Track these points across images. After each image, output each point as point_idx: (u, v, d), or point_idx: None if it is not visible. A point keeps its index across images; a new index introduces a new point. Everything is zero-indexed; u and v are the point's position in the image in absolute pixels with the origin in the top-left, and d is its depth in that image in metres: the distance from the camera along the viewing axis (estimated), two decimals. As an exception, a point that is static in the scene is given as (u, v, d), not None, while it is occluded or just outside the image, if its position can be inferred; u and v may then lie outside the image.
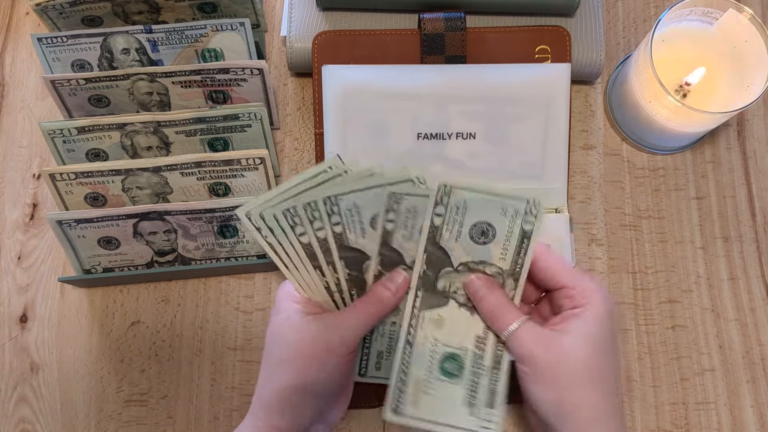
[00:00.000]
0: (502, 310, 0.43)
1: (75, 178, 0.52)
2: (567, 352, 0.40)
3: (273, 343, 0.43)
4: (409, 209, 0.45)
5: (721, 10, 0.52)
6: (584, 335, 0.40)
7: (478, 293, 0.43)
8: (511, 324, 0.42)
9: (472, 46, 0.55)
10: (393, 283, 0.44)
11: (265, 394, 0.42)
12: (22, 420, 0.53)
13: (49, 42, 0.54)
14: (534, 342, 0.41)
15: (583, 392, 0.40)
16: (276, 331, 0.43)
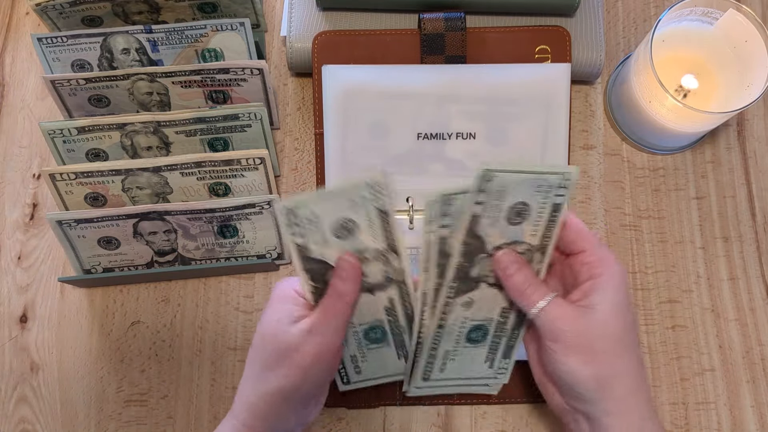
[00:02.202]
0: (530, 288, 0.42)
1: (75, 178, 0.52)
2: (599, 326, 0.40)
3: (262, 344, 0.43)
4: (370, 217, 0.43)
5: (721, 10, 0.52)
6: (611, 307, 0.41)
7: (507, 270, 0.43)
8: (540, 301, 0.42)
9: (472, 46, 0.55)
10: (346, 272, 0.43)
11: (251, 397, 0.42)
12: (22, 420, 0.53)
13: (49, 42, 0.54)
14: (564, 318, 0.41)
15: (621, 362, 0.40)
16: (266, 332, 0.43)
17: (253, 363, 0.43)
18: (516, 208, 0.42)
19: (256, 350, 0.43)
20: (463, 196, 0.42)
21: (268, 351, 0.42)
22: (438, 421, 0.53)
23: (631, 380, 0.40)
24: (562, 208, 0.42)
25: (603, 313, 0.40)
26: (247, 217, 0.53)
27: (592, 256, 0.42)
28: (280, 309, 0.43)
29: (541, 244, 0.43)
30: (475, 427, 0.53)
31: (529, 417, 0.53)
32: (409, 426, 0.53)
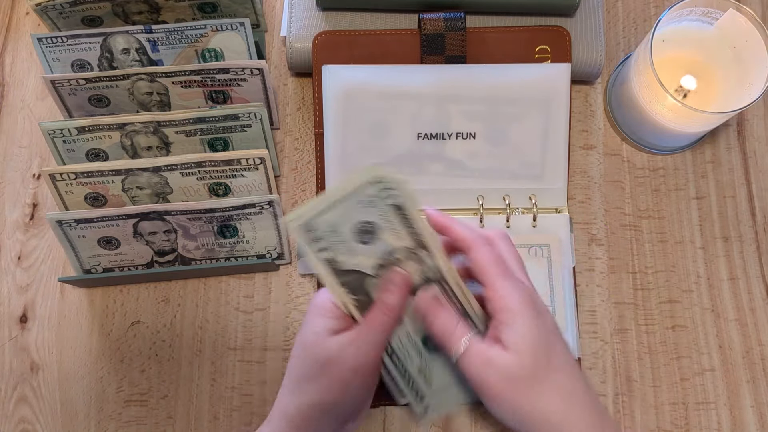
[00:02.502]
0: (449, 332, 0.41)
1: (75, 178, 0.52)
2: (508, 365, 0.39)
3: (301, 355, 0.42)
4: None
5: (721, 10, 0.52)
6: (519, 342, 0.39)
7: (427, 318, 0.43)
8: (458, 346, 0.41)
9: (472, 46, 0.55)
10: (394, 285, 0.42)
11: (289, 407, 0.42)
12: (22, 420, 0.53)
13: (49, 42, 0.54)
14: (480, 365, 0.40)
15: (538, 398, 0.39)
16: (305, 343, 0.42)
17: (291, 373, 0.42)
18: (356, 230, 0.41)
19: (296, 360, 0.42)
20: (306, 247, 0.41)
21: (308, 363, 0.41)
22: (438, 421, 0.53)
23: (556, 418, 0.39)
24: (407, 204, 0.40)
25: (512, 356, 0.39)
26: (247, 217, 0.53)
27: (490, 290, 0.41)
28: (317, 322, 0.42)
29: (416, 242, 0.41)
30: (475, 427, 0.53)
31: (529, 417, 0.53)
32: (409, 426, 0.53)
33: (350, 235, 0.41)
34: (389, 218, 0.41)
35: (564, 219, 0.53)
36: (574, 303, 0.53)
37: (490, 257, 0.41)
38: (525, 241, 0.53)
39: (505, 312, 0.40)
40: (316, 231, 0.40)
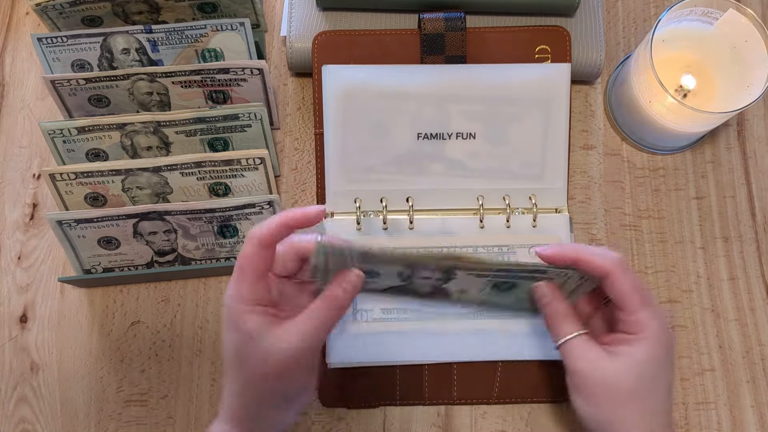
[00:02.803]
0: (561, 319, 0.45)
1: (75, 178, 0.52)
2: (611, 375, 0.42)
3: (243, 352, 0.41)
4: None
5: (721, 10, 0.52)
6: (631, 363, 0.42)
7: (544, 298, 0.45)
8: (567, 334, 0.44)
9: (472, 46, 0.55)
10: (347, 281, 0.42)
11: (236, 404, 0.42)
12: (22, 420, 0.53)
13: (49, 42, 0.54)
14: (582, 358, 0.43)
15: (623, 412, 0.42)
16: (243, 342, 0.41)
17: (236, 371, 0.42)
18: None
19: (239, 358, 0.42)
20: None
21: (251, 359, 0.41)
22: (438, 421, 0.53)
23: (632, 428, 0.41)
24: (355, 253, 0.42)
25: (619, 365, 0.42)
26: (247, 217, 0.53)
27: (631, 315, 0.43)
28: (251, 318, 0.41)
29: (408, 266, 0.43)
30: (475, 427, 0.53)
31: (529, 417, 0.53)
32: (409, 426, 0.53)
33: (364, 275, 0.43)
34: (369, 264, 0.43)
35: (564, 219, 0.54)
36: (574, 303, 0.53)
37: (631, 285, 0.43)
38: (525, 241, 0.53)
39: (640, 336, 0.42)
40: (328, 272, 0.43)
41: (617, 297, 0.43)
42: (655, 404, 0.42)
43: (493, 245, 0.53)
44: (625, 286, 0.43)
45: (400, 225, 0.53)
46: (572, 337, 0.44)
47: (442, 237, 0.53)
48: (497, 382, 0.52)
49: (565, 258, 0.44)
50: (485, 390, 0.52)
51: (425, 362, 0.52)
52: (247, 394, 0.42)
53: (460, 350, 0.52)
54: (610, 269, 0.43)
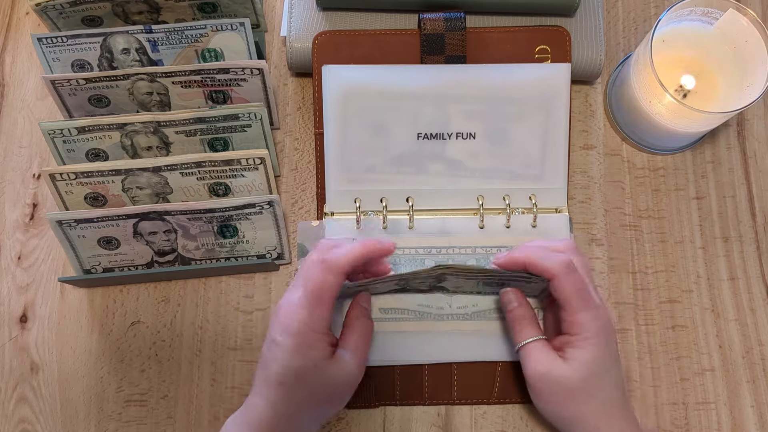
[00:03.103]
0: (520, 325, 0.47)
1: (75, 178, 0.52)
2: (563, 377, 0.44)
3: (308, 378, 0.43)
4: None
5: (721, 10, 0.52)
6: (578, 365, 0.44)
7: (509, 305, 0.48)
8: (523, 339, 0.47)
9: (472, 46, 0.55)
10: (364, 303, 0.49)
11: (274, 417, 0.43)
12: (22, 420, 0.53)
13: (49, 42, 0.54)
14: (538, 361, 0.45)
15: (581, 408, 0.45)
16: (311, 369, 0.43)
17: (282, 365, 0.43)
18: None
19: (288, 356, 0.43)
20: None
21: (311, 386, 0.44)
22: (438, 421, 0.53)
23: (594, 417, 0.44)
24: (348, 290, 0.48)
25: (569, 367, 0.44)
26: (247, 217, 0.53)
27: (570, 316, 0.45)
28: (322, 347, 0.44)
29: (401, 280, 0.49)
30: (475, 427, 0.53)
31: (529, 417, 0.53)
32: (409, 426, 0.53)
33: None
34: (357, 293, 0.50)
35: (564, 219, 0.53)
36: (574, 303, 0.53)
37: (573, 288, 0.45)
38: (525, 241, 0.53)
39: (581, 337, 0.45)
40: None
41: (560, 299, 0.45)
42: (607, 394, 0.45)
43: (492, 246, 0.53)
44: (567, 289, 0.45)
45: (400, 225, 0.53)
46: (531, 341, 0.46)
47: (441, 237, 0.53)
48: (497, 382, 0.52)
49: (516, 263, 0.47)
50: (485, 390, 0.52)
51: (425, 362, 0.52)
52: (294, 411, 0.43)
53: (460, 350, 0.52)
54: (555, 272, 0.45)
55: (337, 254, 0.44)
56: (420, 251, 0.53)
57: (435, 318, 0.52)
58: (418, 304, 0.52)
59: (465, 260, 0.53)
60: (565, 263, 0.45)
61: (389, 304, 0.52)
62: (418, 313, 0.52)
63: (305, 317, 0.43)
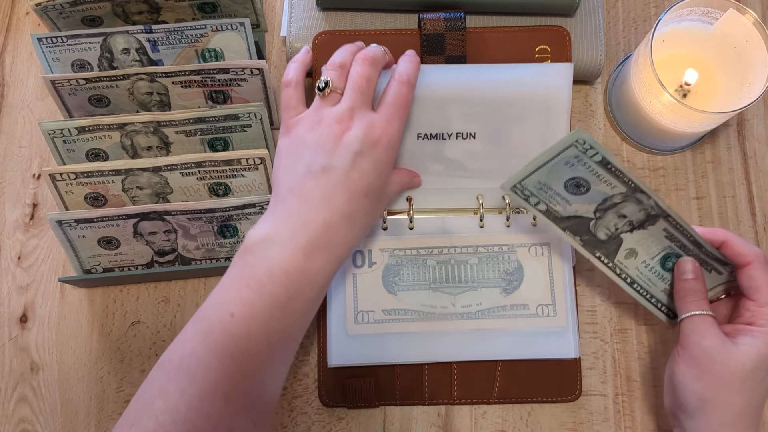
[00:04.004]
0: (690, 296, 0.46)
1: (75, 178, 0.52)
2: (731, 360, 0.43)
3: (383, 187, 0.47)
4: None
5: (721, 10, 0.52)
6: (753, 353, 0.43)
7: (684, 275, 0.47)
8: (693, 310, 0.46)
9: (472, 46, 0.55)
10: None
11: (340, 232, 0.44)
12: (22, 420, 0.53)
13: (49, 42, 0.54)
14: (706, 335, 0.44)
15: (730, 396, 0.43)
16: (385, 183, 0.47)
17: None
18: (571, 184, 0.46)
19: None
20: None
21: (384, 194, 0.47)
22: (438, 421, 0.53)
23: (731, 416, 0.43)
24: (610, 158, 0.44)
25: (741, 353, 0.43)
26: (247, 217, 0.53)
27: (760, 306, 0.45)
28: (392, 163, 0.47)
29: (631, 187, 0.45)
30: (475, 427, 0.53)
31: (529, 417, 0.53)
32: (409, 426, 0.53)
33: (562, 189, 0.46)
34: (598, 173, 0.45)
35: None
36: (574, 302, 0.53)
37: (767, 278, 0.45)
38: (525, 240, 0.53)
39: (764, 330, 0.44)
40: (526, 190, 0.46)
41: (751, 286, 0.45)
42: (760, 395, 0.44)
43: (493, 244, 0.53)
44: (762, 278, 0.45)
45: (399, 225, 0.53)
46: (699, 313, 0.45)
47: (442, 237, 0.53)
48: (497, 382, 0.52)
49: (716, 237, 0.46)
50: (485, 390, 0.52)
51: (427, 362, 0.52)
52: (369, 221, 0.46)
53: (460, 350, 0.52)
54: (752, 258, 0.45)
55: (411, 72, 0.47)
56: (421, 252, 0.53)
57: (439, 318, 0.52)
58: (422, 304, 0.52)
59: (467, 259, 0.53)
60: (763, 254, 0.45)
61: (392, 305, 0.52)
62: (422, 314, 0.52)
63: (398, 131, 0.46)
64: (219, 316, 0.40)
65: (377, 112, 0.46)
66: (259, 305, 0.40)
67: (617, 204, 0.46)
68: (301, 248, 0.41)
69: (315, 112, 0.46)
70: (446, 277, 0.52)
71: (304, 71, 0.48)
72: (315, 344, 0.54)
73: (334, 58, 0.47)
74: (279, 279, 0.41)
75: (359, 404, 0.52)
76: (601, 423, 0.53)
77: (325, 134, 0.44)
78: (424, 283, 0.52)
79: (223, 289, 0.41)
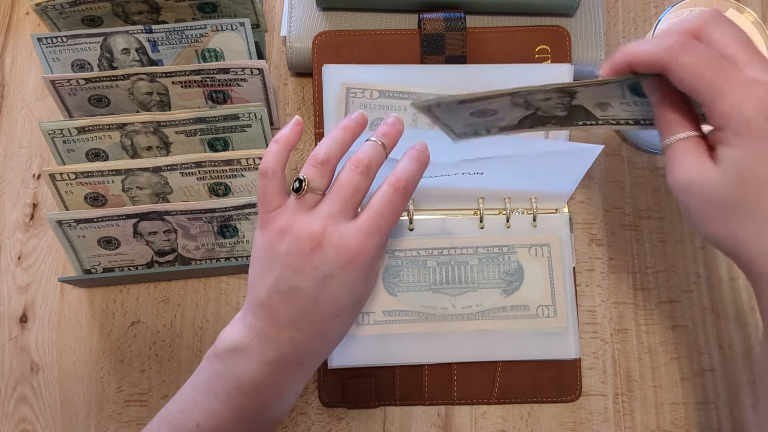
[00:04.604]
0: (672, 117, 0.37)
1: (75, 178, 0.52)
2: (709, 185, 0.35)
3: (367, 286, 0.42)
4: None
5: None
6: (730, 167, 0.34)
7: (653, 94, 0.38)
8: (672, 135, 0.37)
9: (472, 46, 0.55)
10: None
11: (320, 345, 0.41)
12: (22, 420, 0.53)
13: (49, 42, 0.54)
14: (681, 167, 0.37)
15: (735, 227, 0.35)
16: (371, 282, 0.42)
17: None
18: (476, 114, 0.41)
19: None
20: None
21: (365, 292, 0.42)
22: (438, 421, 0.53)
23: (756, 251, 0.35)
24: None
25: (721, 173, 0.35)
26: (247, 217, 0.53)
27: (709, 108, 0.35)
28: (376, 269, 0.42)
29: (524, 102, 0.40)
30: (475, 427, 0.53)
31: (529, 417, 0.53)
32: (409, 426, 0.53)
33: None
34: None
35: (564, 219, 0.54)
36: (574, 303, 0.53)
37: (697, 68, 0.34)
38: (525, 240, 0.53)
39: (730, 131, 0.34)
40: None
41: (689, 92, 0.35)
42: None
43: (493, 245, 0.53)
44: (688, 75, 0.34)
45: (399, 225, 0.53)
46: (679, 138, 0.36)
47: (442, 238, 0.53)
48: (497, 382, 0.52)
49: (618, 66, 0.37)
50: (485, 390, 0.52)
51: (427, 363, 0.52)
52: (345, 332, 0.42)
53: (460, 351, 0.52)
54: (664, 60, 0.34)
55: (410, 177, 0.41)
56: (421, 253, 0.53)
57: (439, 319, 0.52)
58: (422, 305, 0.52)
59: (467, 260, 0.53)
60: (675, 41, 0.34)
61: (393, 306, 0.52)
62: (422, 315, 0.52)
63: (380, 245, 0.40)
64: (184, 424, 0.39)
65: (357, 219, 0.40)
66: (227, 417, 0.39)
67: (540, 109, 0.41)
68: (269, 363, 0.39)
69: (289, 215, 0.40)
70: (446, 278, 0.52)
71: (286, 156, 0.42)
72: (315, 344, 0.54)
73: (319, 149, 0.41)
74: (247, 392, 0.39)
75: (359, 404, 0.52)
76: (601, 423, 0.53)
77: (293, 248, 0.39)
78: (424, 284, 0.52)
79: (193, 390, 0.40)
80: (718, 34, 0.35)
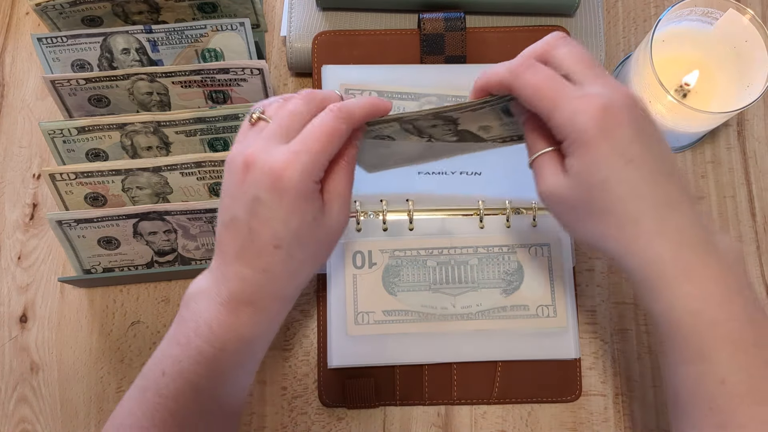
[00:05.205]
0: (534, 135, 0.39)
1: (75, 178, 0.52)
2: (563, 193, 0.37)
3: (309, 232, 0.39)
4: None
5: (721, 10, 0.52)
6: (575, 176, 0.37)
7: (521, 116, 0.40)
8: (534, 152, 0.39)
9: (472, 46, 0.55)
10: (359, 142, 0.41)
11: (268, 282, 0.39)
12: (22, 420, 0.53)
13: (49, 42, 0.54)
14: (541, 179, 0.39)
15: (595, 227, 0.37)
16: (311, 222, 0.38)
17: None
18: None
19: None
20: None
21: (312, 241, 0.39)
22: (438, 421, 0.53)
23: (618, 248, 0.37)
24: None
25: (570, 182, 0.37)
26: (247, 217, 0.53)
27: (549, 122, 0.37)
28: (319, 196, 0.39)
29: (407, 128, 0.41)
30: (475, 427, 0.53)
31: (529, 417, 0.53)
32: (409, 426, 0.53)
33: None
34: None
35: (564, 219, 0.54)
36: (574, 303, 0.53)
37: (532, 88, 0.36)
38: (525, 240, 0.53)
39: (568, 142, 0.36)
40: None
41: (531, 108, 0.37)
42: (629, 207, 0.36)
43: (493, 245, 0.53)
44: (528, 92, 0.36)
45: (400, 225, 0.53)
46: (538, 154, 0.39)
47: (442, 238, 0.53)
48: (497, 382, 0.52)
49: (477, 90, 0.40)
50: (485, 390, 0.52)
51: (427, 363, 0.52)
52: (289, 275, 0.39)
53: (460, 350, 0.52)
54: (506, 81, 0.37)
55: (350, 103, 0.39)
56: (421, 252, 0.53)
57: (439, 319, 0.52)
58: (422, 305, 0.52)
59: (467, 260, 0.53)
60: (518, 64, 0.37)
61: (392, 306, 0.52)
62: (422, 314, 0.52)
63: (308, 166, 0.37)
64: (153, 374, 0.39)
65: (289, 142, 0.38)
66: (186, 362, 0.38)
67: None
68: (223, 303, 0.38)
69: (235, 146, 0.40)
70: (446, 278, 0.52)
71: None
72: (315, 345, 0.54)
73: (286, 94, 0.42)
74: (204, 334, 0.38)
75: (359, 404, 0.52)
76: (601, 423, 0.53)
77: (232, 176, 0.38)
78: (424, 283, 0.52)
79: (165, 340, 0.40)
80: (561, 55, 0.38)
